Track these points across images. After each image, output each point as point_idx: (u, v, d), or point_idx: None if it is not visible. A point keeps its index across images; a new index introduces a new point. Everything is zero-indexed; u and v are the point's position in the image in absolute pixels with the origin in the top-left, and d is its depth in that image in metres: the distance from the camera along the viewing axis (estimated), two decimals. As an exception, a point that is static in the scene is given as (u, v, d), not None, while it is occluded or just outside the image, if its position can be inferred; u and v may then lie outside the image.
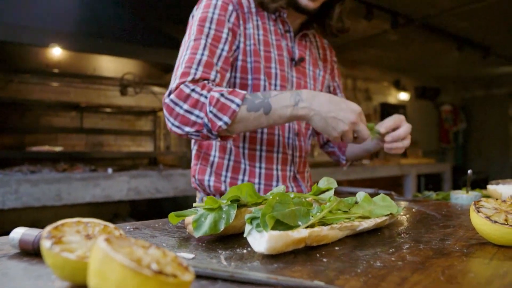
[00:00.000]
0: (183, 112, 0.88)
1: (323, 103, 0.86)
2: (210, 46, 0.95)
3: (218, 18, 0.99)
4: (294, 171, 1.13)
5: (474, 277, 0.42)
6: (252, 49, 1.04)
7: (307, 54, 1.17)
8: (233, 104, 0.86)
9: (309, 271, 0.43)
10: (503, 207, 0.57)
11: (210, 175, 1.07)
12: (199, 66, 0.92)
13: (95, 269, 0.29)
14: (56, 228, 0.38)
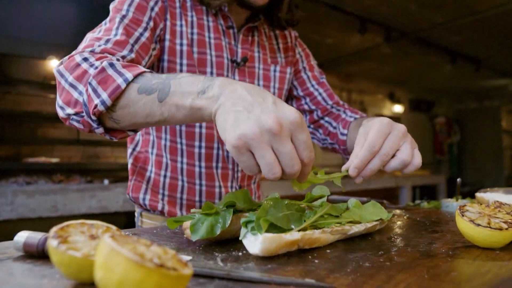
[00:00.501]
0: (68, 86, 0.68)
1: (238, 92, 0.54)
2: (126, 27, 0.81)
3: (139, 2, 0.86)
4: (236, 187, 1.04)
5: (456, 276, 0.44)
6: (185, 50, 0.92)
7: (255, 50, 1.05)
8: (120, 79, 0.63)
9: (301, 270, 0.46)
10: (487, 211, 0.60)
11: (145, 193, 0.98)
12: (108, 43, 0.76)
13: (101, 263, 0.31)
14: (62, 229, 0.41)
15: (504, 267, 0.48)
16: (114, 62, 0.65)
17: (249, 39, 1.03)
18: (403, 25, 4.13)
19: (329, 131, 1.11)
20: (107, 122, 0.67)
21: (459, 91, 8.01)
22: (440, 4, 3.64)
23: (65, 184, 2.90)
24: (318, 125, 1.15)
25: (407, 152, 0.65)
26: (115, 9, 0.84)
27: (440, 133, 8.01)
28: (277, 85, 1.07)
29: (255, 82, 1.03)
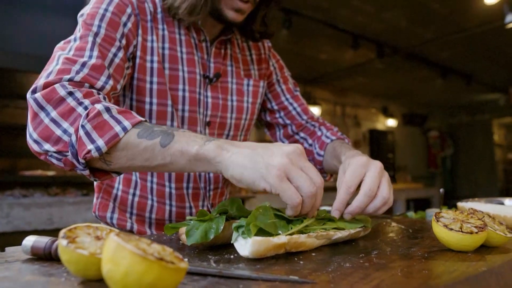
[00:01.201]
0: (48, 121, 0.64)
1: (242, 144, 0.61)
2: (99, 47, 0.76)
3: (111, 17, 0.81)
4: (208, 206, 1.01)
5: (426, 273, 0.49)
6: (156, 67, 0.88)
7: (228, 64, 1.02)
8: (118, 127, 0.62)
9: (286, 270, 0.50)
10: (460, 217, 0.65)
11: (113, 212, 0.95)
12: (84, 67, 0.72)
13: (108, 257, 0.36)
14: (70, 231, 0.45)
15: (472, 267, 0.52)
16: (110, 106, 0.64)
17: (221, 52, 1.01)
18: (394, 41, 4.24)
19: (304, 147, 1.05)
20: (95, 163, 0.65)
21: (451, 105, 8.14)
22: (429, 22, 3.75)
23: (61, 197, 2.92)
24: (293, 140, 1.15)
25: (385, 190, 0.69)
26: (85, 25, 0.79)
27: (433, 147, 8.11)
28: (251, 99, 1.05)
29: (228, 97, 1.00)
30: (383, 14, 3.58)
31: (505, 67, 5.39)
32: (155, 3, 0.92)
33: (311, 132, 1.14)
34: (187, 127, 0.93)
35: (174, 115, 0.90)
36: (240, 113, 1.03)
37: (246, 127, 1.06)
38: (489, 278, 0.52)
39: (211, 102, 0.96)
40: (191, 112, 0.93)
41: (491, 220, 0.68)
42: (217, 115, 0.98)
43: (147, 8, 0.90)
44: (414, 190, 6.19)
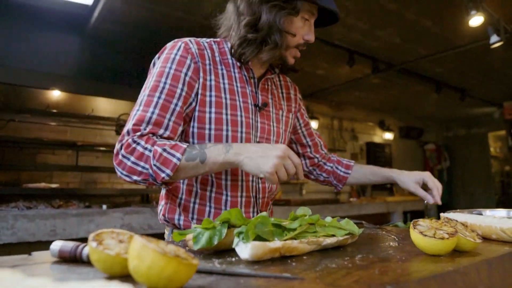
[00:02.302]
0: (130, 164, 0.95)
1: (250, 148, 0.94)
2: (163, 102, 1.00)
3: (174, 73, 1.03)
4: (257, 211, 1.19)
5: (400, 272, 0.57)
6: (214, 100, 1.08)
7: (269, 97, 1.23)
8: (174, 158, 0.92)
9: (280, 269, 0.59)
10: (435, 225, 0.73)
11: (179, 215, 1.13)
12: (149, 124, 0.98)
13: (134, 255, 0.44)
14: (97, 235, 0.53)
15: (440, 267, 0.61)
16: (165, 147, 0.93)
17: (266, 87, 1.23)
18: (389, 57, 4.37)
19: (325, 169, 1.46)
20: (166, 181, 0.96)
21: (447, 118, 8.26)
22: (422, 39, 3.88)
23: (64, 209, 2.99)
24: (314, 164, 1.47)
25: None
26: (154, 82, 1.03)
27: (430, 160, 8.19)
28: (283, 127, 1.27)
29: (270, 123, 1.21)
30: (377, 32, 3.70)
31: (498, 82, 5.52)
32: (212, 49, 1.14)
33: (327, 158, 1.49)
34: None
35: (229, 137, 1.10)
36: (278, 137, 1.25)
37: None
38: (455, 277, 0.60)
39: (260, 126, 1.18)
40: (247, 134, 1.13)
41: (463, 228, 0.77)
42: (264, 137, 1.19)
43: (206, 54, 1.11)
44: (411, 202, 6.25)
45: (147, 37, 3.81)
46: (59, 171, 3.82)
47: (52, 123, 3.75)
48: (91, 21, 3.44)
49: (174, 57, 1.06)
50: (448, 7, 3.20)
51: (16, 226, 2.66)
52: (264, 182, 1.19)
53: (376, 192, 6.83)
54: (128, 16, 3.32)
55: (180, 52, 1.07)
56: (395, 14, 3.35)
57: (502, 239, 0.87)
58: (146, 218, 3.20)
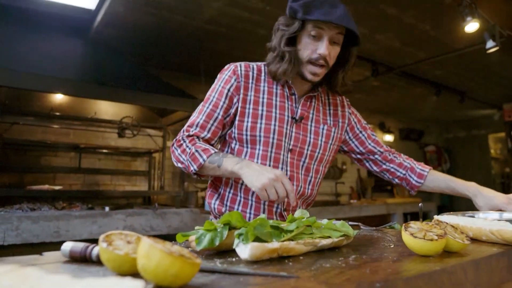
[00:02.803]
0: (177, 154, 1.28)
1: (254, 166, 1.13)
2: (209, 111, 1.30)
3: (220, 89, 1.32)
4: (281, 208, 1.33)
5: (390, 272, 0.61)
6: (251, 112, 1.31)
7: (311, 112, 1.38)
8: (201, 159, 1.21)
9: (278, 269, 0.62)
10: (425, 227, 0.77)
11: (216, 200, 1.38)
12: (197, 127, 1.29)
13: (142, 254, 0.48)
14: (107, 236, 0.57)
15: (427, 267, 0.65)
16: (199, 149, 1.21)
17: (308, 103, 1.38)
18: (388, 60, 4.40)
19: (397, 176, 1.55)
20: (198, 172, 1.24)
21: (447, 120, 8.29)
22: (421, 43, 3.92)
23: (68, 211, 3.03)
24: (383, 169, 1.56)
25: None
26: (208, 95, 1.34)
27: (430, 161, 8.21)
28: (324, 139, 1.40)
29: (307, 134, 1.37)
30: (377, 35, 3.74)
31: (497, 84, 5.55)
32: (260, 70, 1.37)
33: (398, 164, 1.55)
34: (274, 150, 1.32)
35: (262, 141, 1.30)
36: (315, 147, 1.39)
37: (318, 159, 1.41)
38: (442, 275, 0.64)
39: (294, 136, 1.34)
40: (278, 141, 1.31)
41: (453, 230, 0.81)
42: (297, 146, 1.35)
43: (251, 75, 1.35)
44: (411, 204, 6.28)
45: (149, 41, 3.85)
46: (62, 173, 3.86)
47: (55, 126, 3.79)
48: (94, 25, 3.49)
49: (224, 77, 1.33)
50: (446, 12, 3.23)
51: (20, 227, 2.70)
52: (292, 184, 1.32)
53: (377, 194, 6.86)
54: (131, 21, 3.37)
55: (229, 73, 1.33)
56: (394, 19, 3.39)
57: (491, 241, 0.91)
58: (148, 220, 3.24)
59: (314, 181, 1.41)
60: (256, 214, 1.32)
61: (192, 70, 4.42)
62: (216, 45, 3.79)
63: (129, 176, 4.32)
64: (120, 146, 4.08)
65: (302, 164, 1.38)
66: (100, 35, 3.63)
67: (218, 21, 3.35)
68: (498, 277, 0.77)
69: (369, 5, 3.15)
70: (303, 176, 1.37)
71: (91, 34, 3.62)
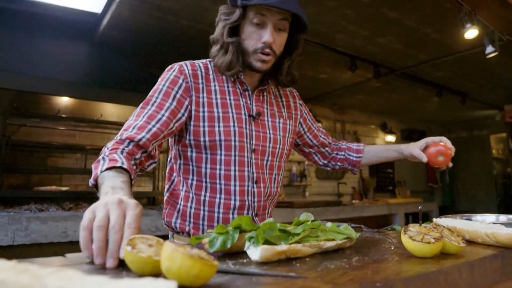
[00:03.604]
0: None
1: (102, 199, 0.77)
2: (151, 113, 1.13)
3: (166, 90, 1.17)
4: (253, 214, 1.26)
5: (390, 272, 0.66)
6: (207, 116, 1.20)
7: (265, 107, 1.32)
8: (99, 169, 0.93)
9: (286, 270, 0.68)
10: (423, 231, 0.82)
11: (176, 218, 1.25)
12: (134, 129, 1.09)
13: (166, 257, 0.53)
14: (131, 240, 0.63)
15: (425, 268, 0.70)
16: (107, 157, 0.97)
17: (260, 98, 1.32)
18: (390, 62, 4.45)
19: (339, 159, 1.58)
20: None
21: (448, 121, 8.33)
22: (423, 45, 3.96)
23: (75, 211, 3.09)
24: (329, 158, 1.59)
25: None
26: (149, 97, 1.18)
27: (432, 162, 8.23)
28: (281, 133, 1.35)
29: (266, 131, 1.30)
30: (379, 38, 3.79)
31: (498, 86, 5.59)
32: (207, 68, 1.27)
33: (337, 148, 1.60)
34: (238, 153, 1.23)
35: (223, 146, 1.20)
36: (275, 143, 1.33)
37: (279, 155, 1.35)
38: (438, 276, 0.69)
39: (255, 134, 1.27)
40: (240, 142, 1.23)
41: (449, 233, 0.86)
42: (259, 144, 1.28)
43: (200, 74, 1.24)
44: (412, 204, 6.33)
45: (154, 45, 3.91)
46: (68, 174, 3.93)
47: (62, 128, 3.86)
48: (100, 28, 3.55)
49: (169, 77, 1.20)
50: (446, 16, 3.28)
51: (29, 228, 2.76)
52: (260, 187, 1.26)
53: (378, 194, 6.91)
54: (136, 24, 3.42)
55: (174, 73, 1.21)
56: (395, 22, 3.43)
57: (487, 243, 0.95)
58: (153, 220, 3.30)
59: (278, 178, 1.35)
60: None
61: (195, 72, 4.47)
62: (219, 48, 3.85)
63: (134, 177, 4.37)
64: (125, 148, 4.13)
65: (266, 163, 1.30)
66: (105, 38, 3.69)
67: (222, 24, 3.41)
68: (492, 278, 0.82)
69: (371, 8, 3.20)
70: (268, 176, 1.30)
71: (97, 37, 3.69)
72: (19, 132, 3.55)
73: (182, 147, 1.23)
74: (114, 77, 3.64)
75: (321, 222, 0.93)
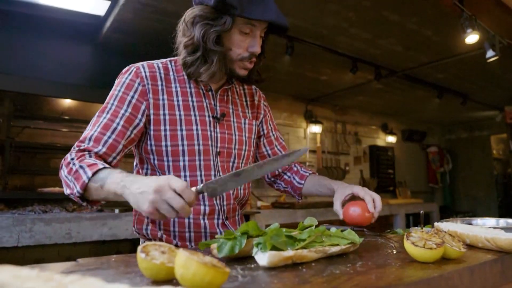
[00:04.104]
0: (64, 176, 1.01)
1: (135, 184, 0.87)
2: (106, 122, 1.09)
3: (121, 96, 1.11)
4: (223, 218, 1.23)
5: (393, 278, 0.69)
6: (168, 119, 1.14)
7: (230, 107, 1.28)
8: (85, 176, 0.95)
9: (293, 275, 0.70)
10: (425, 236, 0.84)
11: (147, 225, 1.20)
12: (90, 141, 1.06)
13: (181, 265, 0.56)
14: (144, 247, 0.65)
15: (427, 273, 0.72)
16: (83, 164, 0.97)
17: (224, 98, 1.27)
18: (391, 64, 4.47)
19: (284, 179, 1.48)
20: (89, 197, 1.00)
21: (449, 122, 8.35)
22: (423, 47, 3.98)
23: (78, 213, 3.12)
24: (276, 176, 1.50)
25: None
26: (105, 103, 1.13)
27: (432, 162, 8.27)
28: (247, 134, 1.32)
29: (232, 132, 1.26)
30: (380, 41, 3.81)
31: (498, 87, 5.61)
32: (167, 69, 1.20)
33: (289, 168, 1.49)
34: (203, 157, 1.18)
35: (185, 151, 1.15)
36: (241, 144, 1.29)
37: (246, 157, 1.32)
38: (439, 281, 0.71)
39: (220, 136, 1.22)
40: (205, 146, 1.18)
41: (451, 239, 0.88)
42: (225, 147, 1.24)
43: (158, 76, 1.18)
44: (413, 205, 6.35)
45: (156, 47, 3.92)
46: (71, 176, 3.95)
47: (65, 129, 3.88)
48: (103, 31, 3.57)
49: (125, 81, 1.14)
50: (447, 19, 3.30)
51: (34, 229, 2.79)
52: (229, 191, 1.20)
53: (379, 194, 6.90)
54: (139, 27, 3.45)
55: (130, 76, 1.15)
56: (396, 25, 3.45)
57: (487, 247, 0.98)
58: (156, 222, 3.32)
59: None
60: (197, 232, 1.18)
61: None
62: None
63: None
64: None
65: (232, 165, 1.26)
66: (108, 40, 3.71)
67: (224, 27, 3.43)
68: (491, 282, 0.84)
69: (373, 12, 3.22)
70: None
71: (100, 39, 3.71)
72: (22, 134, 3.58)
73: (145, 153, 1.18)
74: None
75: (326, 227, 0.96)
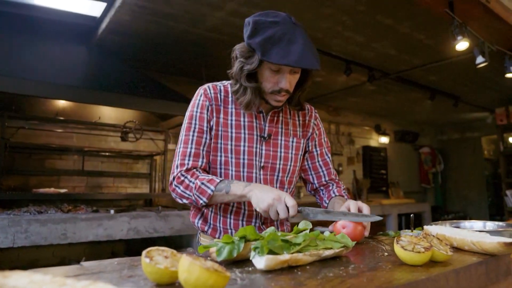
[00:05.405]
0: (180, 191, 1.30)
1: (261, 189, 1.19)
2: (196, 139, 1.34)
3: (199, 115, 1.36)
4: (259, 223, 1.42)
5: (383, 280, 0.73)
6: (222, 134, 1.37)
7: (279, 127, 1.44)
8: (209, 190, 1.25)
9: (289, 278, 0.74)
10: (414, 240, 0.89)
11: (199, 219, 1.45)
12: (190, 157, 1.33)
13: (184, 269, 0.60)
14: (148, 252, 0.69)
15: (415, 276, 0.76)
16: (204, 181, 1.26)
17: (274, 119, 1.44)
18: (384, 67, 4.53)
19: (319, 195, 1.60)
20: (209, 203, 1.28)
21: (441, 123, 8.45)
22: (416, 50, 4.05)
23: (74, 213, 3.13)
24: (315, 190, 1.62)
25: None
26: (187, 124, 1.37)
27: (424, 163, 8.37)
28: (294, 151, 1.47)
29: (277, 149, 1.43)
30: (373, 44, 3.86)
31: (489, 89, 5.70)
32: (227, 91, 1.41)
33: (325, 185, 1.60)
34: (246, 169, 1.39)
35: (233, 162, 1.37)
36: (286, 160, 1.45)
37: (291, 171, 1.47)
38: (427, 283, 0.75)
39: (265, 153, 1.40)
40: (249, 160, 1.38)
41: (438, 242, 0.93)
42: (269, 162, 1.41)
43: (219, 97, 1.39)
44: (405, 205, 6.43)
45: (152, 49, 3.96)
46: (66, 176, 3.96)
47: (59, 130, 3.89)
48: (98, 32, 3.59)
49: (198, 102, 1.38)
50: (439, 23, 3.36)
51: (29, 230, 2.80)
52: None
53: (372, 195, 7.00)
54: (135, 29, 3.46)
55: (202, 97, 1.38)
56: (390, 28, 3.51)
57: (473, 250, 1.03)
58: (151, 222, 3.35)
59: (288, 191, 1.47)
60: (236, 229, 1.39)
61: (194, 75, 4.53)
62: (218, 52, 3.90)
63: (131, 178, 4.42)
64: (123, 149, 4.19)
65: (276, 178, 1.43)
66: (104, 42, 3.73)
67: (220, 29, 3.46)
68: (476, 283, 0.89)
69: (366, 16, 3.28)
70: (279, 189, 1.35)
71: (95, 41, 3.72)
72: (17, 135, 3.58)
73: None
74: (113, 81, 3.67)
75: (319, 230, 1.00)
